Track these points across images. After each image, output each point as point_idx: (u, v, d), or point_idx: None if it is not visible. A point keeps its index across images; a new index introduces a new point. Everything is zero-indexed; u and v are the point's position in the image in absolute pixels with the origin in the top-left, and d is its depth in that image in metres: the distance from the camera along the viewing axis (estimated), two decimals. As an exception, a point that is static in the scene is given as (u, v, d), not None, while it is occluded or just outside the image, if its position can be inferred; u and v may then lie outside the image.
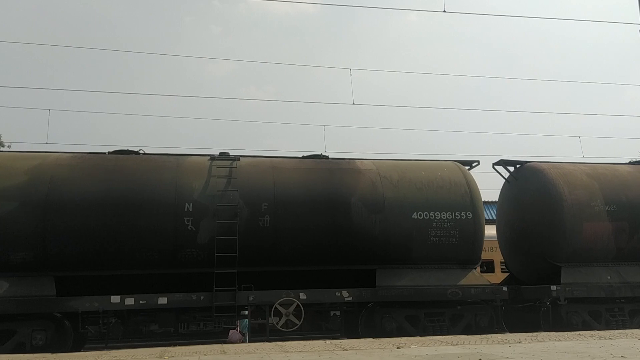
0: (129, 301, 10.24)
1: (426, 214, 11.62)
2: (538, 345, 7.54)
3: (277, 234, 10.98)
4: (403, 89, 53.91)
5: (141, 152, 11.84)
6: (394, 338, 9.38)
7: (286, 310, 10.73)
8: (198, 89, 60.74)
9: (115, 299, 10.21)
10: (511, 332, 12.55)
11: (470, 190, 12.03)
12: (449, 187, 12.01)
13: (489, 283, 11.76)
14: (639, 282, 12.19)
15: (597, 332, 9.69)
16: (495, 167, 13.78)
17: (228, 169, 11.31)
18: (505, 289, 11.76)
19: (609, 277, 12.19)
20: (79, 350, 10.67)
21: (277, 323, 10.64)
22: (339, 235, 11.23)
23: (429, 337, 9.23)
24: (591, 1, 63.19)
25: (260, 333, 10.86)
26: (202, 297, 10.51)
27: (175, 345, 9.83)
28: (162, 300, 10.35)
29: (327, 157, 12.57)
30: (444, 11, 14.75)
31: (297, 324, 10.71)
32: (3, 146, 26.51)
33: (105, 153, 11.66)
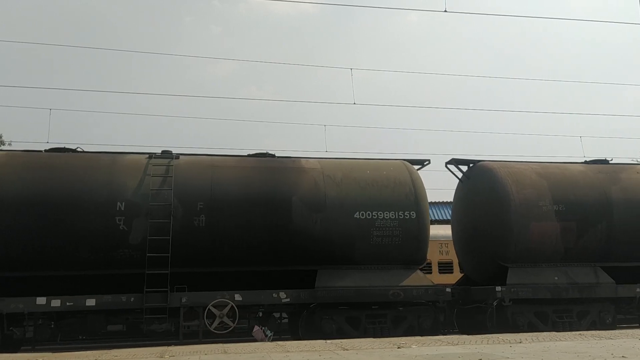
0: (55, 303, 9.96)
1: (369, 214, 11.40)
2: (539, 345, 7.53)
3: (213, 234, 10.74)
4: (404, 89, 53.86)
5: (79, 149, 11.57)
6: (395, 338, 9.36)
7: (220, 312, 10.48)
8: (198, 88, 60.60)
9: (41, 300, 9.93)
10: (462, 333, 12.41)
11: (415, 190, 11.82)
12: (394, 186, 11.80)
13: (432, 284, 11.55)
14: (586, 283, 12.00)
15: (598, 332, 9.63)
16: (448, 166, 13.59)
17: (165, 167, 11.06)
18: (448, 290, 11.56)
19: (556, 278, 12.00)
20: (15, 352, 10.39)
21: (211, 325, 10.39)
22: (279, 235, 10.99)
23: (429, 337, 9.22)
24: (592, 1, 63.29)
25: (193, 336, 10.61)
26: (132, 299, 10.24)
27: (175, 344, 9.70)
28: (90, 302, 10.08)
29: (273, 156, 12.33)
30: (445, 11, 14.71)
31: (230, 326, 10.46)
32: (4, 144, 26.37)
33: (41, 151, 11.40)
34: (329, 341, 8.73)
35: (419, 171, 12.80)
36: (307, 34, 64.91)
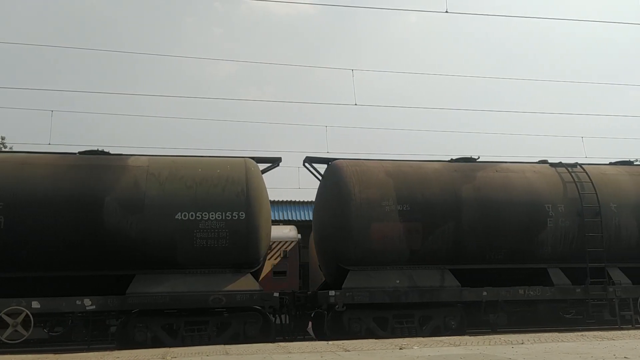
0: None
1: (192, 214, 10.73)
2: (541, 346, 7.58)
3: (13, 236, 10.01)
4: (405, 90, 53.51)
5: None
6: (397, 339, 9.23)
7: (14, 321, 9.75)
8: (199, 90, 59.85)
9: None
10: (318, 339, 11.84)
11: (247, 189, 11.18)
12: (225, 185, 11.14)
13: (258, 289, 10.90)
14: (428, 287, 11.44)
15: (601, 332, 9.59)
16: (305, 164, 12.99)
17: (-33, 165, 10.30)
18: (276, 294, 10.94)
19: (397, 282, 11.44)
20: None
21: (2, 335, 9.66)
22: (89, 237, 10.30)
23: (431, 338, 9.19)
24: (594, 1, 63.09)
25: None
26: None
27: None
28: None
29: (107, 153, 11.61)
30: (446, 12, 14.41)
31: (24, 335, 9.74)
32: (5, 147, 26.48)
33: None
34: (330, 342, 8.79)
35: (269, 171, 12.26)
36: (308, 35, 64.45)
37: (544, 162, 13.46)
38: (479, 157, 13.36)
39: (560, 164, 13.15)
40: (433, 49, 62.52)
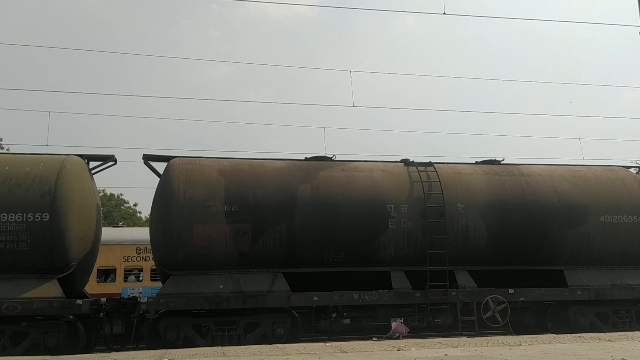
0: None
1: (-13, 216, 9.97)
2: (538, 348, 7.63)
3: None
4: (403, 91, 53.27)
5: None
6: (395, 340, 9.30)
7: None
8: (197, 91, 59.16)
9: None
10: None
11: (56, 189, 10.44)
12: (31, 184, 10.40)
13: (59, 296, 10.15)
14: (254, 292, 10.81)
15: (598, 334, 9.50)
16: (147, 162, 12.29)
17: None
18: (80, 302, 10.21)
19: (221, 287, 10.79)
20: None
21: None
22: None
23: (429, 340, 9.23)
24: (590, 3, 63.41)
25: None
26: None
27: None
28: None
29: None
30: (444, 13, 14.25)
31: None
32: (2, 148, 26.53)
33: None
34: (328, 344, 8.80)
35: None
36: (306, 38, 64.20)
37: (405, 160, 12.96)
38: (333, 156, 12.82)
39: (413, 163, 12.65)
40: (430, 51, 62.57)
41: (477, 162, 13.58)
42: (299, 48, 61.80)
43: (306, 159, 12.70)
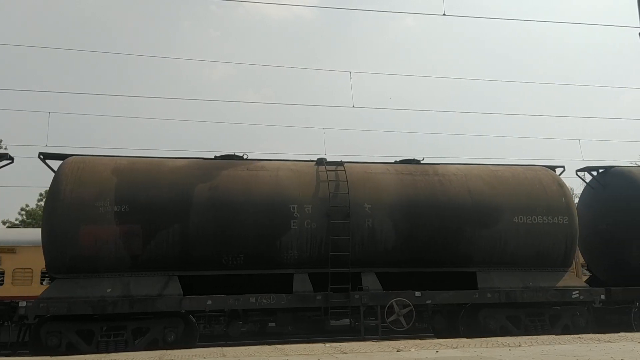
0: None
1: None
2: (538, 349, 7.66)
3: None
4: (403, 92, 53.01)
5: None
6: (394, 341, 9.30)
7: None
8: (196, 92, 58.79)
9: None
10: None
11: None
12: None
13: None
14: (143, 296, 10.38)
15: (597, 335, 9.57)
16: (44, 160, 11.80)
17: None
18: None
19: (108, 290, 10.34)
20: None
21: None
22: None
23: (428, 340, 9.27)
24: (590, 4, 63.44)
25: None
26: None
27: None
28: None
29: None
30: (444, 14, 14.08)
31: None
32: (2, 148, 26.73)
33: None
34: (327, 344, 8.84)
35: None
36: (305, 39, 63.92)
37: (321, 159, 12.58)
38: (245, 155, 12.40)
39: (323, 162, 12.28)
40: (430, 52, 62.50)
41: (395, 162, 13.25)
42: (298, 49, 61.84)
43: (215, 158, 12.29)
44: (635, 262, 13.10)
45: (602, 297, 12.22)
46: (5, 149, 25.33)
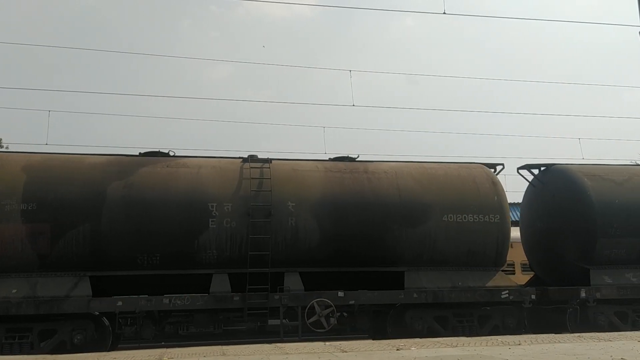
0: None
1: None
2: (537, 347, 7.68)
3: None
4: (403, 91, 52.63)
5: None
6: (394, 340, 9.37)
7: None
8: (196, 91, 58.24)
9: None
10: None
11: None
12: None
13: None
14: (50, 297, 10.03)
15: (597, 334, 9.57)
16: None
17: None
18: None
19: (14, 291, 9.98)
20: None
21: None
22: None
23: (428, 339, 9.25)
24: (590, 3, 63.22)
25: None
26: None
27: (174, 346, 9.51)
28: None
29: None
30: (444, 13, 14.08)
31: None
32: (2, 147, 26.31)
33: None
34: (327, 343, 8.87)
35: None
36: (305, 38, 63.52)
37: (253, 157, 12.24)
38: (171, 152, 12.07)
39: (251, 159, 11.97)
40: (430, 51, 62.21)
41: (330, 159, 12.97)
42: (298, 48, 61.52)
43: (140, 154, 11.95)
44: (570, 256, 12.86)
45: (533, 297, 11.97)
46: (7, 147, 25.43)
